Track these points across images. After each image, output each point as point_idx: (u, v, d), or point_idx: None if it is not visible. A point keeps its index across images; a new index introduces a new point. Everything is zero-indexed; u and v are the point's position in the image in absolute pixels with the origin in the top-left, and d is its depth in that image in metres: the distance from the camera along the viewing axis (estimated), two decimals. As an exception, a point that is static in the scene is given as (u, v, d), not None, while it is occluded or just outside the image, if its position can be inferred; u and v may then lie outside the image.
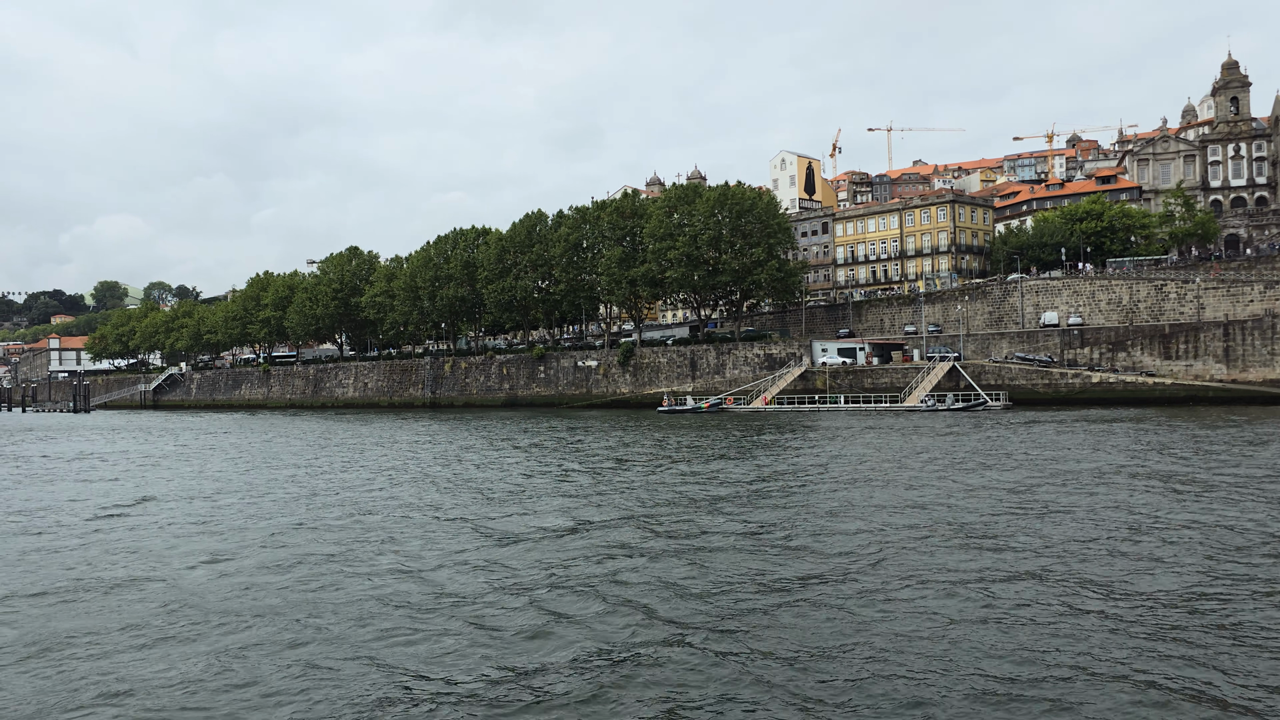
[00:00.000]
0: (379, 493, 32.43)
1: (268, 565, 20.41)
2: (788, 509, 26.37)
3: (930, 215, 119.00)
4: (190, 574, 19.73)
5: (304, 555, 21.39)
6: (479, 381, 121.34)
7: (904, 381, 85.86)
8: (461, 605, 16.54)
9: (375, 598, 17.25)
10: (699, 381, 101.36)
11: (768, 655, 13.49)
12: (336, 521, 26.21)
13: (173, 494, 33.64)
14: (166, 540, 23.84)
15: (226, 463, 46.57)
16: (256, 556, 21.46)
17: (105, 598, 17.78)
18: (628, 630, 14.86)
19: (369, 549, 22.00)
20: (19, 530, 26.22)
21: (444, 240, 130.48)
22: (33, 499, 33.17)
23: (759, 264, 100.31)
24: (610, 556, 20.45)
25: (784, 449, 45.22)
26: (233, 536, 24.22)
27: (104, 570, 20.32)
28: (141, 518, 27.86)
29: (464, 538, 23.18)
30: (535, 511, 27.16)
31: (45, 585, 18.99)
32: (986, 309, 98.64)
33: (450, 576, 18.80)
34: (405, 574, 19.20)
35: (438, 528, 24.77)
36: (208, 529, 25.59)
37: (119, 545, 23.33)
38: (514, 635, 14.74)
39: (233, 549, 22.45)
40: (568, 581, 18.14)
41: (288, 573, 19.57)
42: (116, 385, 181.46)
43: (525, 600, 16.79)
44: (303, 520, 26.59)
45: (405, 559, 20.70)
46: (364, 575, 19.17)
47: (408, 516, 26.81)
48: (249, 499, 31.65)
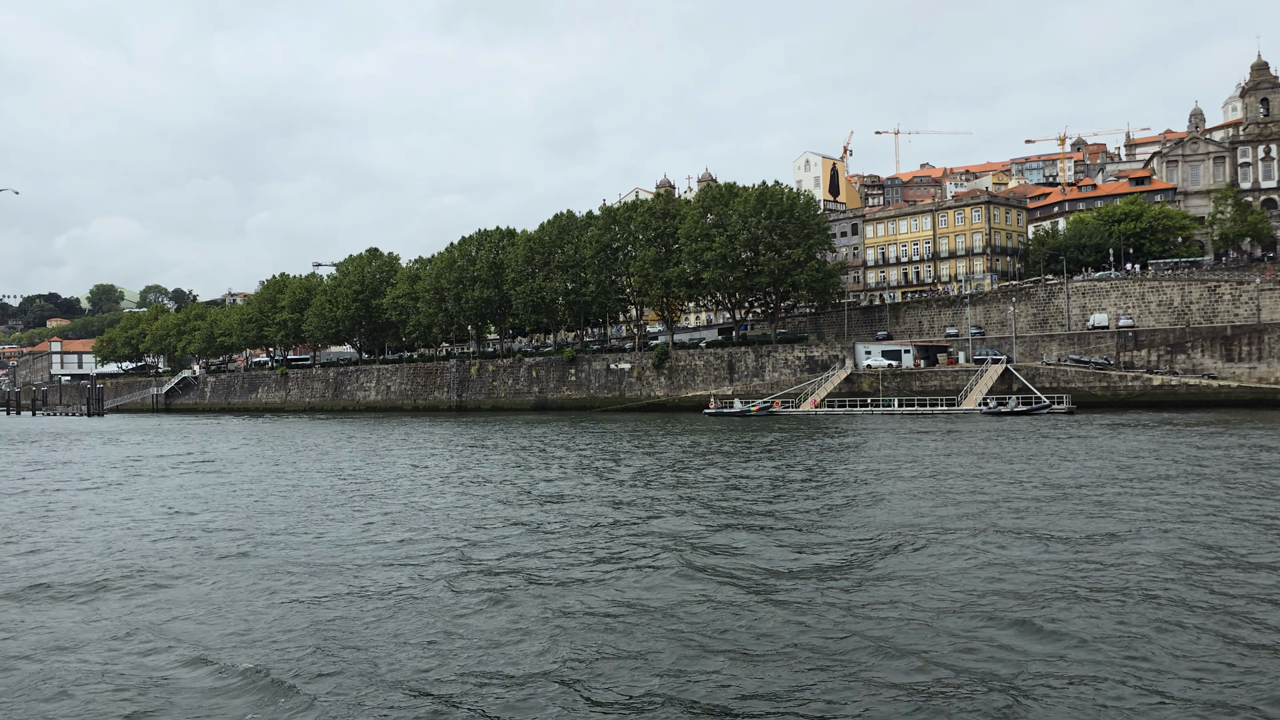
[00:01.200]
0: (546, 532, 30.67)
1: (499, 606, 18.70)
2: (946, 525, 24.75)
3: (965, 216, 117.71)
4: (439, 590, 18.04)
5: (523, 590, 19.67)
6: (507, 385, 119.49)
7: (954, 384, 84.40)
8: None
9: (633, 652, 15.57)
10: (738, 384, 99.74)
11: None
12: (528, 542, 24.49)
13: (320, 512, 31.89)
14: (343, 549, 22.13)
15: (315, 473, 44.76)
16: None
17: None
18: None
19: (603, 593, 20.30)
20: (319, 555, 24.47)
21: (468, 241, 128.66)
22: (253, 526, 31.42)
23: (798, 265, 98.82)
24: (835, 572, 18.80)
25: (870, 456, 43.58)
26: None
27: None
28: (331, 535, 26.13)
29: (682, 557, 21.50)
30: (733, 527, 25.48)
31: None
32: (1031, 311, 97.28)
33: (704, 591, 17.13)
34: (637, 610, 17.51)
35: (635, 547, 23.07)
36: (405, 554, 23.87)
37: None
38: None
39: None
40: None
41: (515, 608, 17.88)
42: (126, 389, 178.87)
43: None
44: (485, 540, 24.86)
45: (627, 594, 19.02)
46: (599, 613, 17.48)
47: (598, 539, 25.09)
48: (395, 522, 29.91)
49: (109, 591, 18.55)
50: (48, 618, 16.67)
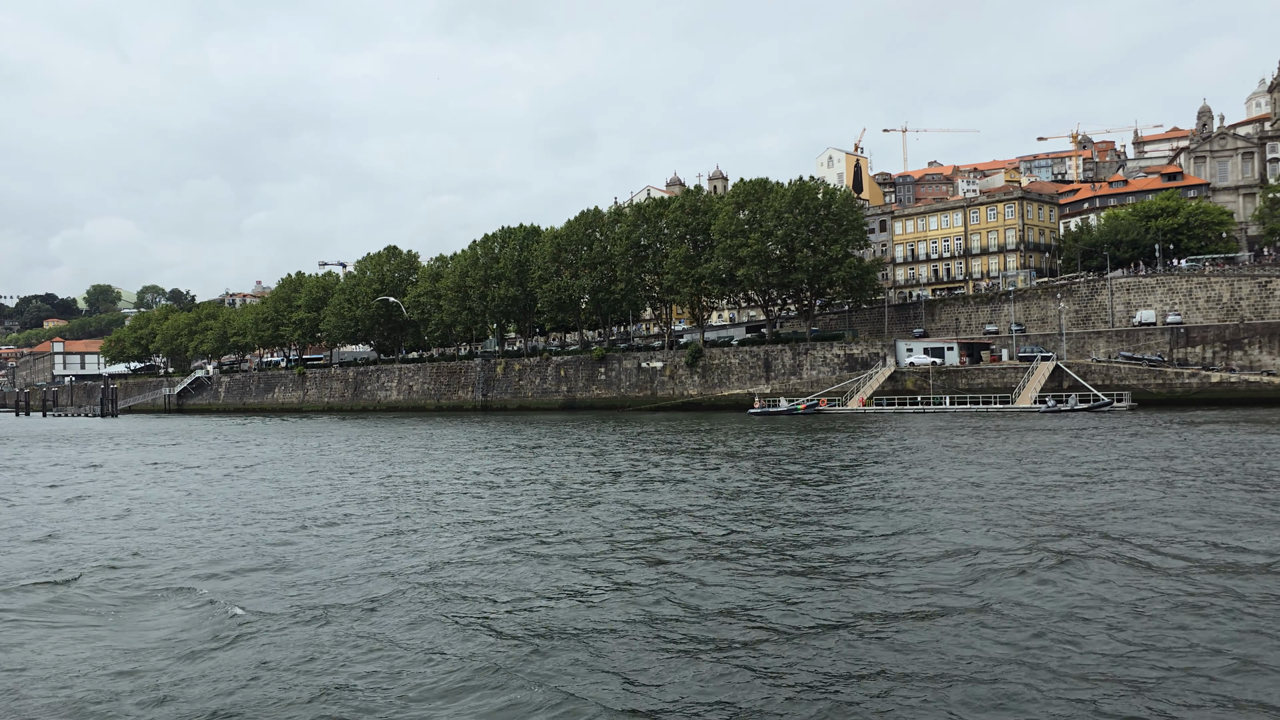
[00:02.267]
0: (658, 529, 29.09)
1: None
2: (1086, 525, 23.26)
3: (997, 212, 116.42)
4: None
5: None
6: (534, 384, 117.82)
7: (1002, 382, 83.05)
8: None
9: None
10: (774, 383, 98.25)
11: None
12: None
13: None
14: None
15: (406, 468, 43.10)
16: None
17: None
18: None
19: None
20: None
21: (491, 239, 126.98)
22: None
23: (836, 262, 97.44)
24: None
25: (952, 455, 42.11)
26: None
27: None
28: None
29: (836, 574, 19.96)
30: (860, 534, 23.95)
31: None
32: (1073, 308, 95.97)
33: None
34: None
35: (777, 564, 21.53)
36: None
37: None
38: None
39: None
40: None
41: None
42: (136, 389, 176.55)
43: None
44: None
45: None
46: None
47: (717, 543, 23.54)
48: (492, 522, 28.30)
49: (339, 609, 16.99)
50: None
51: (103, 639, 15.13)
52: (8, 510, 31.25)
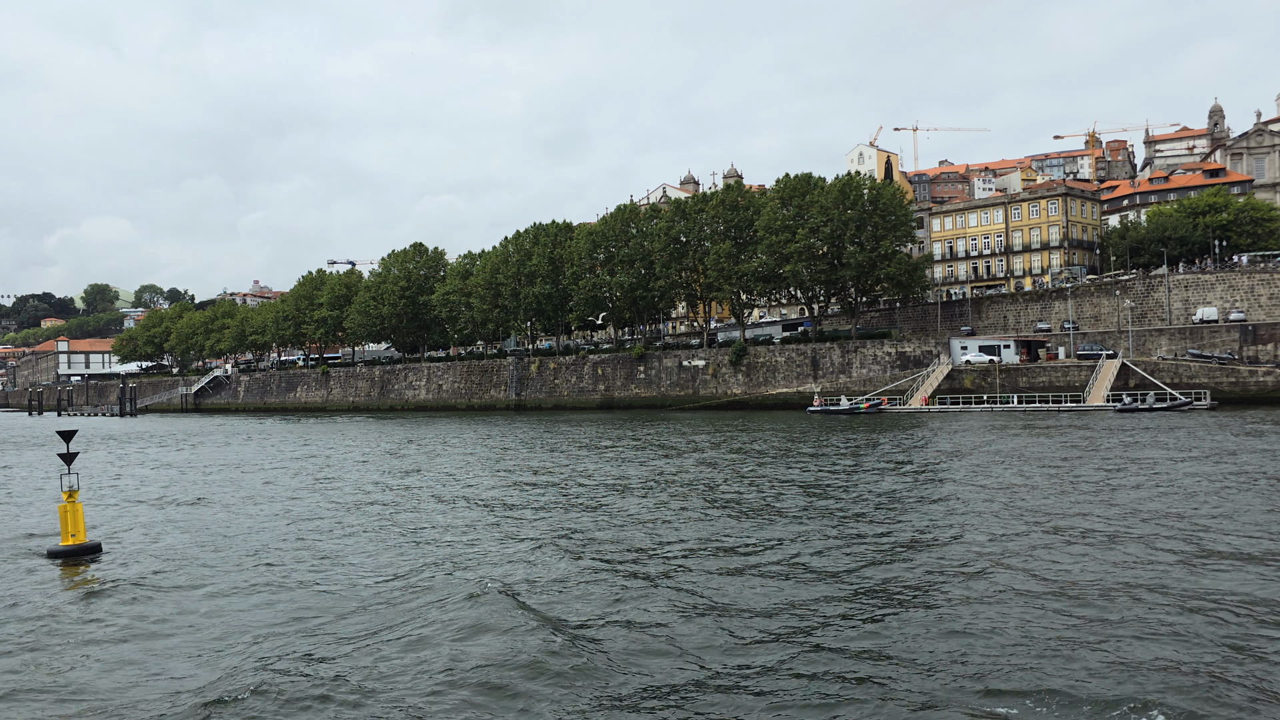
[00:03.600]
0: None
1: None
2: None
3: (1040, 209, 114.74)
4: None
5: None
6: (570, 382, 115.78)
7: (1064, 380, 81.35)
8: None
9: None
10: (823, 381, 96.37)
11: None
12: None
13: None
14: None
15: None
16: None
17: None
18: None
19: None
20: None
21: (523, 236, 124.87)
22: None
23: (885, 258, 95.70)
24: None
25: (1082, 462, 40.32)
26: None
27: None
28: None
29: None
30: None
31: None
32: (1128, 304, 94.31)
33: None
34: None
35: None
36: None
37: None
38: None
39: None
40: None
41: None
42: (151, 389, 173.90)
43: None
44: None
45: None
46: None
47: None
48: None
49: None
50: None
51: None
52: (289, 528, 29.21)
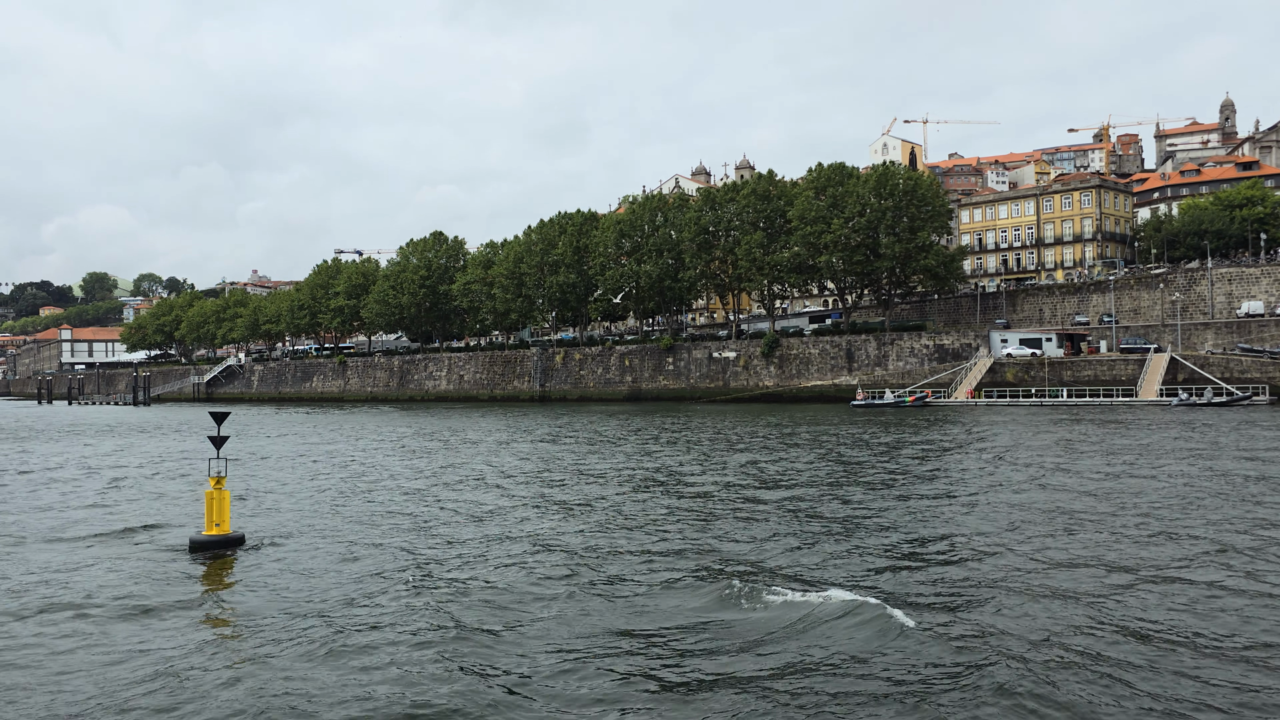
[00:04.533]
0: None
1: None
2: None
3: (1073, 201, 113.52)
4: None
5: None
6: (596, 373, 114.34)
7: (1110, 374, 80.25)
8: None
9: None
10: (858, 374, 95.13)
11: None
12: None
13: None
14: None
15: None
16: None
17: None
18: None
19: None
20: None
21: (548, 225, 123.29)
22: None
23: (923, 249, 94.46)
24: None
25: (1176, 454, 39.08)
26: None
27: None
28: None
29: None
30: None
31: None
32: (1169, 298, 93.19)
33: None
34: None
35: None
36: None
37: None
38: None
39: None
40: None
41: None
42: (161, 378, 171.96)
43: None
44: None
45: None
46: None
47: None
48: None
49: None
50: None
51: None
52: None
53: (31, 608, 15.36)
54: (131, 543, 20.80)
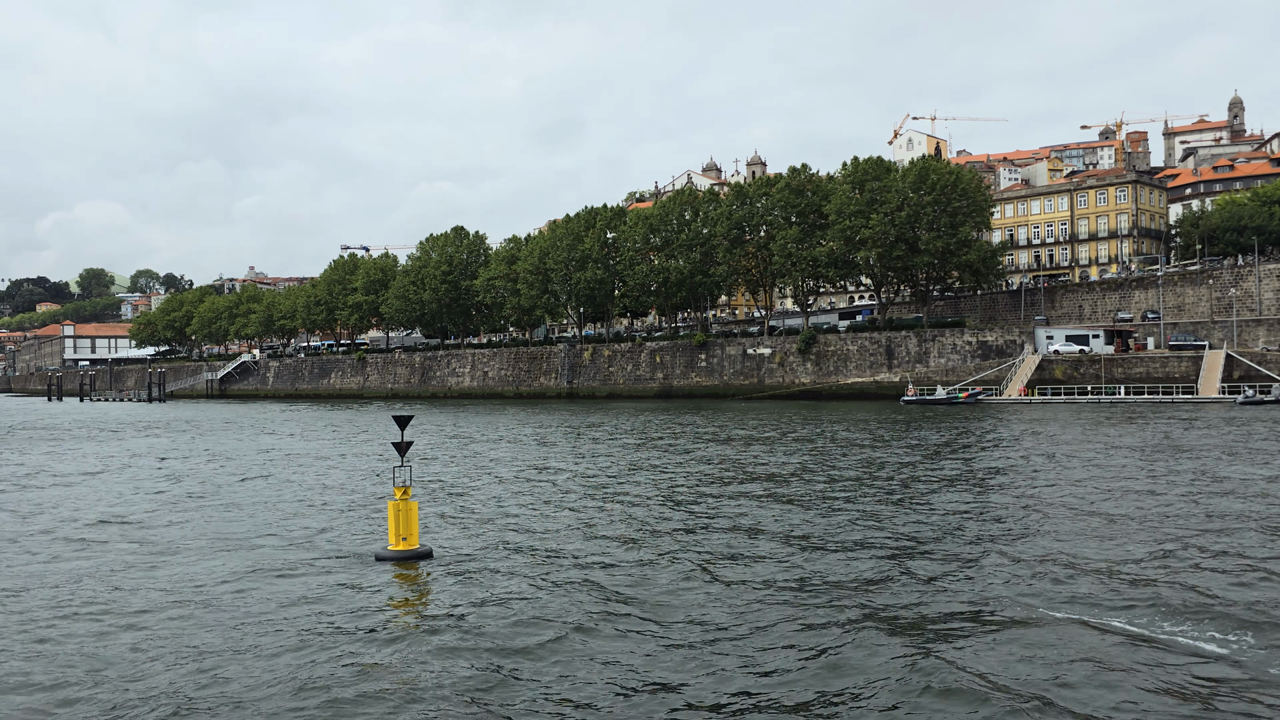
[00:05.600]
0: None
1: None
2: None
3: (1107, 196, 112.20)
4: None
5: None
6: (625, 370, 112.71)
7: (1163, 371, 78.94)
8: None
9: None
10: (898, 371, 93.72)
11: None
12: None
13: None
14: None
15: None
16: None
17: None
18: None
19: None
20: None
21: (574, 220, 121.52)
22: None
23: (965, 244, 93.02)
24: None
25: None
26: None
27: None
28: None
29: None
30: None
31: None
32: (1213, 294, 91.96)
33: None
34: None
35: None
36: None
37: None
38: None
39: None
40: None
41: None
42: (173, 374, 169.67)
43: None
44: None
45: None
46: None
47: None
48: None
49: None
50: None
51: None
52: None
53: (229, 620, 13.85)
54: (309, 555, 19.20)
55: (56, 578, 17.60)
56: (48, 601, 15.82)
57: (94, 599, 15.86)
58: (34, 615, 14.93)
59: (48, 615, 14.95)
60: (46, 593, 16.45)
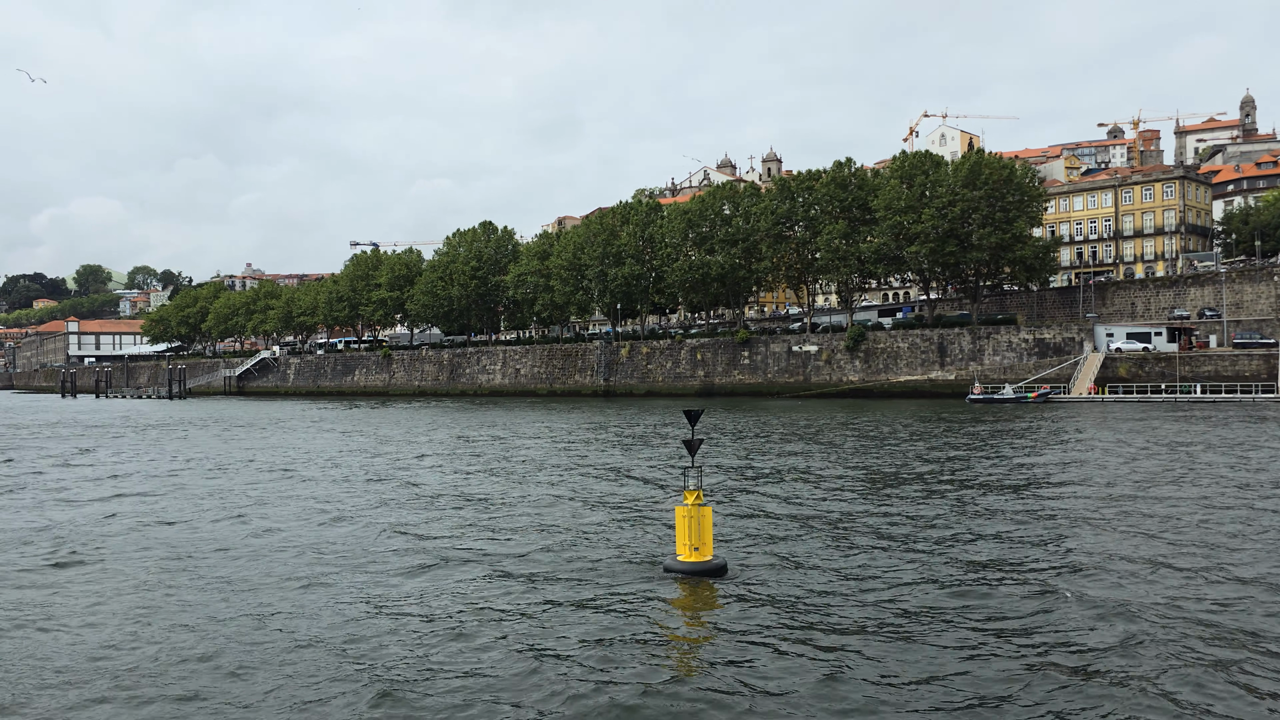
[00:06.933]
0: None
1: None
2: None
3: (1154, 193, 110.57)
4: None
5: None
6: (665, 368, 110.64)
7: (1231, 370, 77.31)
8: None
9: None
10: (950, 369, 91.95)
11: None
12: None
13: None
14: None
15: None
16: None
17: None
18: None
19: None
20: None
21: (607, 214, 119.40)
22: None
23: (1019, 240, 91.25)
24: None
25: None
26: None
27: None
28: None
29: None
30: None
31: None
32: (1273, 292, 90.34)
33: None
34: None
35: None
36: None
37: None
38: None
39: None
40: None
41: None
42: (190, 371, 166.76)
43: None
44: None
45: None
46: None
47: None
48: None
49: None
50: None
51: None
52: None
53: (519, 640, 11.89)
54: (589, 565, 17.17)
55: (401, 595, 15.52)
56: (395, 630, 13.75)
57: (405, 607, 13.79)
58: (387, 649, 12.88)
59: (395, 648, 12.90)
60: (385, 621, 14.37)
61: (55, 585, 16.55)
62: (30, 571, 17.70)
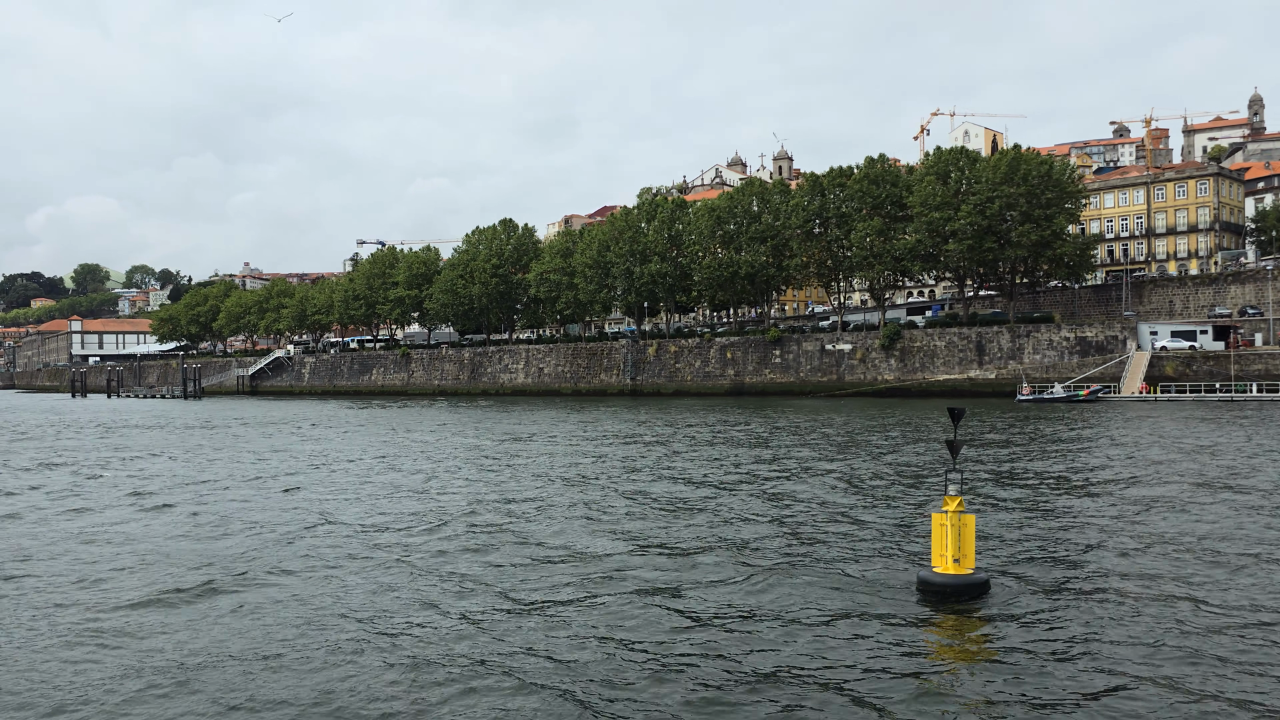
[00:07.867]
0: None
1: None
2: None
3: (1187, 190, 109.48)
4: None
5: None
6: (693, 367, 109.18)
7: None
8: None
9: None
10: (988, 367, 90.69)
11: None
12: None
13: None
14: None
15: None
16: None
17: None
18: None
19: None
20: None
21: (633, 212, 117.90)
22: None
23: (1059, 237, 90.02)
24: None
25: None
26: None
27: None
28: None
29: None
30: None
31: None
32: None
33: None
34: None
35: None
36: None
37: None
38: None
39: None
40: None
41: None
42: (202, 371, 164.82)
43: None
44: None
45: None
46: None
47: None
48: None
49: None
50: None
51: None
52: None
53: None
54: (839, 574, 15.74)
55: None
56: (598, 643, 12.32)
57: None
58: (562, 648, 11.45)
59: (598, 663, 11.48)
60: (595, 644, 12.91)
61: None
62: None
